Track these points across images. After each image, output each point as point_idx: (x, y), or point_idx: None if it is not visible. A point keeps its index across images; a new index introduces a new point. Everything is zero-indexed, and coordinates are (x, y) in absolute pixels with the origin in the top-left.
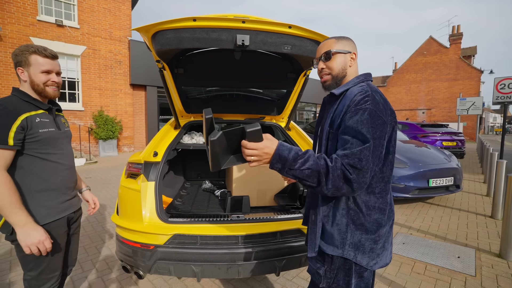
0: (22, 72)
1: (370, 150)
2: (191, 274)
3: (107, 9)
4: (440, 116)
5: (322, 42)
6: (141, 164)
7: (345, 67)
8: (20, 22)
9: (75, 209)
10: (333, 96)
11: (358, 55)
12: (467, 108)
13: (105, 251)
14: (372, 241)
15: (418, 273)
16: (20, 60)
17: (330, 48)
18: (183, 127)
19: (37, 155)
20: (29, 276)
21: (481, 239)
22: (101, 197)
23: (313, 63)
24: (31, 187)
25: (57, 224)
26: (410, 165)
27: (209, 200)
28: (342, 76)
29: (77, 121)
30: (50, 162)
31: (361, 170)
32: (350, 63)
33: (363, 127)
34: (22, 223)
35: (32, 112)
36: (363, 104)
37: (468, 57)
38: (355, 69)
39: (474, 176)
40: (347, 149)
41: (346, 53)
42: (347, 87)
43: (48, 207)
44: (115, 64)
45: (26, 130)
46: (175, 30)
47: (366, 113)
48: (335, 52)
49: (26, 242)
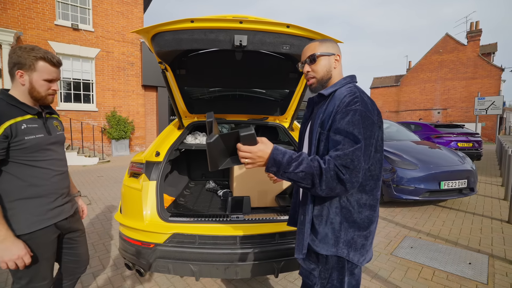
0: (22, 75)
1: (362, 150)
2: (189, 273)
3: (120, 12)
4: (456, 116)
5: (307, 45)
6: (143, 164)
7: (329, 69)
8: (39, 27)
9: (67, 216)
10: (321, 97)
11: (341, 57)
12: (486, 108)
13: (113, 248)
14: (364, 238)
15: (425, 279)
16: (24, 62)
17: (314, 52)
18: (186, 127)
19: (23, 162)
20: (18, 284)
21: (495, 245)
22: (111, 195)
23: (297, 66)
24: (18, 193)
25: (45, 231)
26: (420, 166)
27: (211, 200)
28: (327, 78)
29: (91, 121)
30: (38, 168)
31: (354, 170)
32: (334, 65)
33: (354, 128)
34: (2, 238)
35: (18, 118)
36: (353, 105)
37: (488, 55)
38: (339, 71)
39: (492, 179)
40: (339, 150)
41: (330, 55)
42: (335, 88)
43: (35, 215)
44: (127, 65)
45: (11, 138)
46: (173, 31)
47: (356, 114)
48: (319, 55)
49: (4, 257)
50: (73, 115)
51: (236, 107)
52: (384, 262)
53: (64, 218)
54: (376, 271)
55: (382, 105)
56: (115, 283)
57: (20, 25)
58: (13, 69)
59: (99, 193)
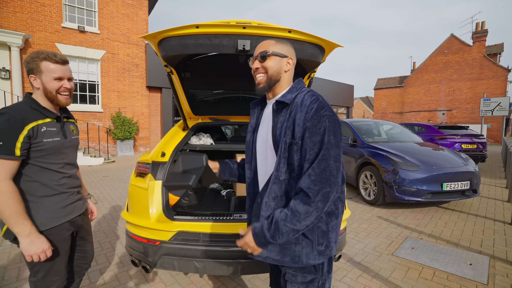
0: (35, 79)
1: (340, 150)
2: (193, 269)
3: (125, 14)
4: (461, 117)
5: (261, 42)
6: (149, 164)
7: (279, 70)
8: (47, 29)
9: (79, 213)
10: (280, 104)
11: (294, 62)
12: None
13: (118, 246)
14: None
15: (425, 279)
16: (32, 67)
17: (267, 49)
18: (191, 128)
19: (37, 164)
20: (35, 278)
21: (497, 246)
22: (117, 195)
23: (249, 61)
24: (34, 193)
25: (60, 228)
26: (422, 168)
27: (215, 200)
28: (275, 79)
29: (96, 122)
30: (50, 171)
31: (338, 170)
32: (286, 67)
33: (330, 133)
34: (27, 232)
35: (40, 121)
36: (321, 111)
37: (494, 55)
38: (290, 75)
39: (496, 181)
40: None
41: (283, 56)
42: (294, 94)
43: (51, 212)
44: (132, 67)
45: (32, 139)
46: (179, 37)
47: (328, 120)
48: (271, 53)
49: (30, 251)
50: (79, 116)
51: (239, 109)
52: (385, 262)
53: (78, 215)
54: (376, 271)
55: (386, 106)
56: (121, 280)
57: (28, 28)
58: (28, 76)
59: (105, 193)
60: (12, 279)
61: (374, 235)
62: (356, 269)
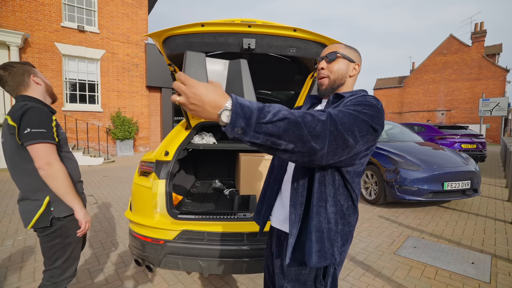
0: (34, 76)
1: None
2: (198, 268)
3: (125, 14)
4: (460, 117)
5: (331, 44)
6: (153, 163)
7: (345, 74)
8: (46, 28)
9: (85, 203)
10: (337, 98)
11: (359, 70)
12: (491, 109)
13: (120, 245)
14: None
15: (428, 278)
16: (29, 69)
17: (337, 50)
18: (194, 127)
19: (59, 152)
20: (53, 265)
21: (498, 245)
22: (117, 195)
23: (315, 62)
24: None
25: None
26: (423, 167)
27: (218, 199)
28: (340, 83)
29: (96, 122)
30: (69, 160)
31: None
32: (351, 72)
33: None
34: (81, 205)
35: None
36: (369, 98)
37: (493, 56)
38: (354, 81)
39: (496, 180)
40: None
41: (351, 61)
42: (352, 92)
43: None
44: (132, 67)
45: (57, 128)
46: (184, 35)
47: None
48: (340, 55)
49: (86, 218)
50: (78, 115)
51: None
52: (387, 261)
53: (85, 204)
54: (379, 270)
55: (386, 107)
56: (124, 279)
57: (27, 27)
58: (26, 79)
59: (105, 193)
60: (13, 279)
61: (375, 234)
62: (359, 268)
